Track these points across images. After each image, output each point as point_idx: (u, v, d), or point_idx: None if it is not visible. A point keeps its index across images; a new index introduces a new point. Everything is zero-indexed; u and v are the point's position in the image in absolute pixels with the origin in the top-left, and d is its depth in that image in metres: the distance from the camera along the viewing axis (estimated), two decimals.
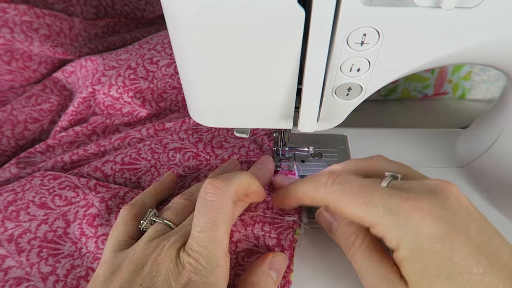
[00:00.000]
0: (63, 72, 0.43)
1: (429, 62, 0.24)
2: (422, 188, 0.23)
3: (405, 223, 0.21)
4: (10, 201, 0.32)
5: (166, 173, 0.34)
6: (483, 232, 0.21)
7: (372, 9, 0.20)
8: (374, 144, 0.41)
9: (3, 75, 0.41)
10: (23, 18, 0.39)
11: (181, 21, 0.21)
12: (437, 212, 0.21)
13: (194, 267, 0.22)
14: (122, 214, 0.28)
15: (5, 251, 0.29)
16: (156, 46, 0.42)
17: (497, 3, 0.20)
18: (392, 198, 0.22)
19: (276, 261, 0.27)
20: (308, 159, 0.38)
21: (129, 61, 0.41)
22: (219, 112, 0.27)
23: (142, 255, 0.24)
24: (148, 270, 0.23)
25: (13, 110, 0.40)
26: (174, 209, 0.28)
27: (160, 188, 0.32)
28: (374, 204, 0.22)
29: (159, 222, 0.27)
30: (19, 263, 0.29)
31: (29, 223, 0.30)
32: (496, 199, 0.35)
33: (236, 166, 0.34)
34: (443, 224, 0.21)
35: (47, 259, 0.29)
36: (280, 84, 0.24)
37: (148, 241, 0.25)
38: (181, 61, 0.24)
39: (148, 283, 0.22)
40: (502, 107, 0.34)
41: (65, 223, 0.31)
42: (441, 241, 0.21)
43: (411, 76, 0.51)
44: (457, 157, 0.40)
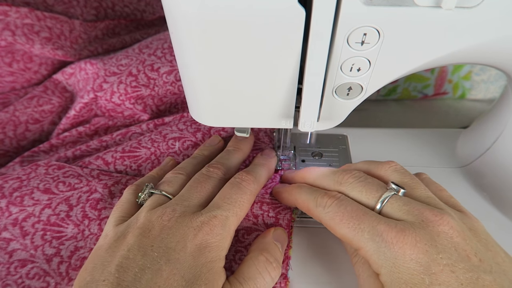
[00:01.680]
0: (63, 74, 0.43)
1: (429, 62, 0.24)
2: (416, 218, 0.23)
3: (385, 252, 0.22)
4: (16, 188, 0.32)
5: (167, 158, 0.36)
6: (472, 271, 0.21)
7: (373, 9, 0.20)
8: (374, 144, 0.41)
9: (4, 76, 0.42)
10: (24, 21, 0.39)
11: (182, 21, 0.21)
12: (421, 245, 0.22)
13: (211, 230, 0.25)
14: (126, 193, 0.30)
15: (10, 234, 0.30)
16: (156, 51, 0.42)
17: (497, 3, 0.20)
18: (379, 225, 0.23)
19: (278, 234, 0.29)
20: (308, 158, 0.38)
21: (130, 67, 0.41)
22: (219, 112, 0.27)
23: (147, 221, 0.25)
24: (156, 233, 0.24)
25: (16, 111, 0.40)
26: (170, 182, 0.30)
27: (162, 172, 0.33)
28: (361, 229, 0.23)
29: (157, 193, 0.28)
30: (24, 245, 0.30)
31: (33, 208, 0.31)
32: (496, 199, 0.35)
33: (220, 141, 0.36)
34: (426, 257, 0.21)
35: (51, 242, 0.30)
36: (281, 83, 0.24)
37: (149, 210, 0.26)
38: (181, 61, 0.24)
39: (159, 244, 0.24)
40: (502, 107, 0.34)
41: (67, 207, 0.32)
42: (420, 274, 0.21)
43: (411, 76, 0.51)
44: (457, 157, 0.40)
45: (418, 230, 0.22)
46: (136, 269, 0.22)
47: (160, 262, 0.23)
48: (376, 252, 0.23)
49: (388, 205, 0.24)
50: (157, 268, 0.23)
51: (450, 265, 0.21)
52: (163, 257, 0.23)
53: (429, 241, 0.22)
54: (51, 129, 0.43)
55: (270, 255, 0.27)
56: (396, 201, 0.24)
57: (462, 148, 0.40)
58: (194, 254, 0.24)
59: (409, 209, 0.24)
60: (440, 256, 0.21)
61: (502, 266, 0.22)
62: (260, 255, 0.26)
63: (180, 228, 0.25)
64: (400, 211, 0.24)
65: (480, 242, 0.23)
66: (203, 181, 0.29)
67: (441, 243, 0.22)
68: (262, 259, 0.26)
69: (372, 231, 0.23)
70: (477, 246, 0.22)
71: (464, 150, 0.39)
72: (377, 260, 0.23)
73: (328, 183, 0.28)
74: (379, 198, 0.25)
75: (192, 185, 0.29)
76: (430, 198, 0.25)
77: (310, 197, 0.27)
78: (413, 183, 0.26)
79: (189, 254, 0.24)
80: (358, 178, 0.27)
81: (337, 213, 0.25)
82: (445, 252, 0.21)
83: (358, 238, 0.23)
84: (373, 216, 0.24)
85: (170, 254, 0.23)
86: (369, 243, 0.23)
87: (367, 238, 0.23)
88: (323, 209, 0.26)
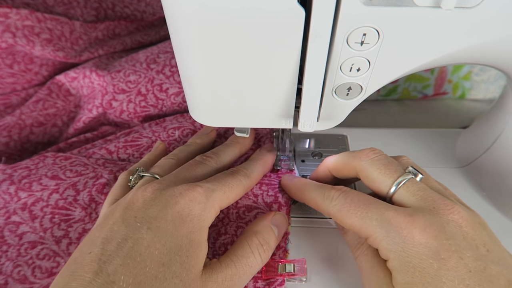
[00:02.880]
0: (65, 76, 0.43)
1: (429, 62, 0.24)
2: (428, 204, 0.23)
3: (395, 237, 0.22)
4: (24, 176, 0.34)
5: (157, 142, 0.36)
6: (480, 260, 0.21)
7: (372, 9, 0.20)
8: (374, 144, 0.40)
9: (5, 78, 0.42)
10: (25, 22, 0.39)
11: (182, 21, 0.21)
12: (431, 230, 0.22)
13: (194, 197, 0.25)
14: (120, 178, 0.31)
15: (19, 218, 0.31)
16: (164, 69, 0.43)
17: (497, 3, 0.20)
18: (387, 212, 0.23)
19: (277, 218, 0.29)
20: (308, 158, 0.38)
21: (139, 85, 0.42)
22: (219, 112, 0.27)
23: (133, 196, 0.26)
24: (139, 205, 0.25)
25: (22, 114, 0.41)
26: (161, 167, 0.30)
27: (153, 157, 0.33)
28: (369, 217, 0.24)
29: (147, 175, 0.29)
30: (33, 228, 0.30)
31: (41, 193, 0.32)
32: (496, 199, 0.35)
33: (212, 130, 0.37)
34: (435, 243, 0.21)
35: (59, 224, 0.31)
36: (280, 83, 0.24)
37: (137, 188, 0.27)
38: (181, 61, 0.24)
39: (142, 214, 0.24)
40: (502, 107, 0.34)
41: (75, 192, 0.33)
42: (429, 259, 0.21)
43: (411, 76, 0.51)
44: (457, 157, 0.40)
45: (428, 216, 0.22)
46: (119, 239, 0.23)
47: (141, 231, 0.23)
48: (386, 237, 0.23)
49: (404, 188, 0.25)
50: (138, 237, 0.23)
51: (459, 252, 0.21)
52: (144, 226, 0.23)
53: (438, 227, 0.22)
54: (53, 131, 0.43)
55: (263, 238, 0.27)
56: (412, 185, 0.25)
57: (462, 148, 0.40)
58: (175, 222, 0.24)
59: (423, 195, 0.24)
60: (449, 243, 0.21)
61: (509, 260, 0.22)
62: (254, 237, 0.27)
63: (162, 198, 0.25)
64: (413, 196, 0.24)
65: (488, 235, 0.23)
66: (194, 164, 0.30)
67: (450, 230, 0.22)
68: (255, 240, 0.27)
69: (380, 218, 0.23)
70: (485, 238, 0.22)
71: (464, 150, 0.39)
72: (386, 245, 0.22)
73: (348, 159, 0.28)
74: (395, 179, 0.25)
75: (183, 166, 0.30)
76: (441, 191, 0.25)
77: (317, 193, 0.27)
78: (425, 175, 0.27)
79: (170, 221, 0.24)
80: (379, 155, 0.27)
81: (344, 204, 0.25)
82: (454, 239, 0.21)
83: (366, 226, 0.23)
84: (381, 204, 0.24)
85: (151, 223, 0.24)
86: (378, 229, 0.23)
87: (375, 225, 0.23)
88: (330, 202, 0.26)
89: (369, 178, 0.26)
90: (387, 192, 0.25)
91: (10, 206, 0.31)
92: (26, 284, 0.28)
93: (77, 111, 0.45)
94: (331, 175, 0.30)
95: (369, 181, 0.26)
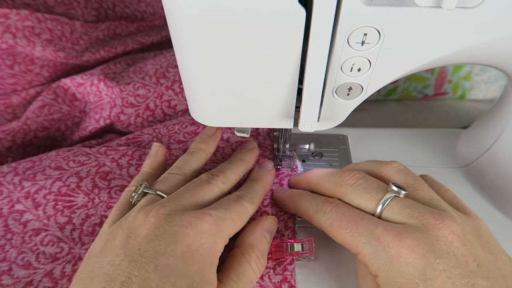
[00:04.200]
0: (72, 81, 0.43)
1: (430, 62, 0.24)
2: (416, 221, 0.23)
3: (382, 256, 0.22)
4: (28, 167, 0.34)
5: (153, 145, 0.33)
6: (468, 277, 0.21)
7: (373, 9, 0.20)
8: (374, 144, 0.41)
9: (6, 79, 0.42)
10: (25, 23, 0.39)
11: (182, 21, 0.21)
12: (419, 250, 0.22)
13: (204, 229, 0.23)
14: (124, 193, 0.29)
15: (23, 206, 0.31)
16: (174, 85, 0.43)
17: (497, 3, 0.20)
18: (376, 230, 0.23)
19: (269, 224, 0.29)
20: (308, 158, 0.38)
21: (148, 99, 0.43)
22: (219, 112, 0.27)
23: (135, 220, 0.24)
24: (143, 234, 0.23)
25: (27, 119, 0.41)
26: (166, 182, 0.28)
27: (157, 165, 0.32)
28: (358, 234, 0.24)
29: (151, 193, 0.27)
30: (37, 216, 0.31)
31: (44, 181, 0.32)
32: (496, 199, 0.35)
33: (217, 130, 0.34)
34: (422, 262, 0.21)
35: (62, 211, 0.31)
36: (281, 83, 0.24)
37: (140, 209, 0.25)
38: (181, 61, 0.24)
39: (146, 247, 0.22)
40: (502, 107, 0.34)
41: (78, 179, 0.33)
42: (415, 279, 0.21)
43: (411, 76, 0.51)
44: (457, 157, 0.40)
45: (416, 234, 0.22)
46: (123, 277, 0.21)
47: (148, 269, 0.21)
48: (374, 256, 0.23)
49: (389, 208, 0.24)
50: (145, 277, 0.21)
51: (447, 271, 0.21)
52: (151, 263, 0.21)
53: (427, 246, 0.22)
54: (56, 135, 0.44)
55: (259, 251, 0.27)
56: (397, 204, 0.24)
57: (462, 148, 0.40)
58: (185, 258, 0.22)
59: (409, 212, 0.24)
60: (437, 262, 0.21)
61: (502, 270, 0.22)
62: (252, 253, 0.26)
63: (169, 227, 0.23)
64: (400, 214, 0.24)
65: (482, 245, 0.23)
66: (200, 184, 0.28)
67: (439, 248, 0.22)
68: (253, 256, 0.26)
69: (369, 235, 0.23)
70: (477, 251, 0.22)
71: (464, 150, 0.39)
72: (375, 264, 0.23)
73: (329, 186, 0.28)
74: (379, 201, 0.25)
75: (188, 187, 0.28)
76: (433, 200, 0.25)
77: (310, 205, 0.27)
78: (416, 183, 0.26)
79: (179, 258, 0.22)
80: (358, 180, 0.27)
81: (335, 219, 0.25)
82: (443, 258, 0.21)
83: (356, 243, 0.24)
84: (371, 220, 0.24)
85: (158, 259, 0.22)
86: (367, 247, 0.23)
87: (364, 242, 0.23)
88: (322, 216, 0.26)
89: (354, 204, 0.26)
90: (374, 215, 0.25)
91: (13, 195, 0.32)
92: (30, 269, 0.28)
93: (82, 116, 0.45)
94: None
95: (355, 205, 0.26)
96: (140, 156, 0.35)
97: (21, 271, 0.28)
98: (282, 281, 0.28)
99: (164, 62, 0.45)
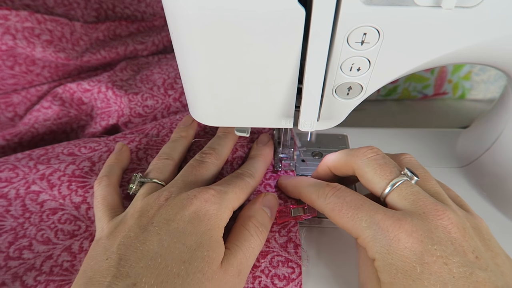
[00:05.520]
0: (78, 86, 0.43)
1: (429, 62, 0.24)
2: (418, 209, 0.23)
3: (381, 239, 0.23)
4: (42, 154, 0.36)
5: (118, 144, 0.35)
6: (466, 266, 0.21)
7: (373, 8, 0.20)
8: (374, 144, 0.40)
9: (6, 79, 0.42)
10: (24, 24, 0.39)
11: (182, 21, 0.21)
12: (417, 235, 0.22)
13: (208, 198, 0.26)
14: (102, 185, 0.29)
15: (38, 187, 0.32)
16: (181, 97, 0.44)
17: (497, 3, 0.20)
18: (376, 215, 0.23)
19: (267, 199, 0.30)
20: (308, 158, 0.38)
21: (155, 110, 0.43)
22: (219, 111, 0.27)
23: (145, 204, 0.26)
24: (154, 212, 0.25)
25: (35, 123, 0.42)
26: (158, 169, 0.30)
27: (120, 157, 0.33)
28: (359, 218, 0.24)
29: (149, 181, 0.29)
30: (52, 196, 0.32)
31: (58, 165, 0.34)
32: (496, 199, 0.35)
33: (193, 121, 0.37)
34: (420, 247, 0.22)
35: (76, 191, 0.32)
36: (281, 83, 0.24)
37: (145, 197, 0.27)
38: (182, 61, 0.24)
39: (158, 218, 0.24)
40: (502, 107, 0.35)
41: (90, 163, 0.35)
42: (412, 262, 0.21)
43: (411, 76, 0.51)
44: (457, 157, 0.40)
45: (416, 221, 0.22)
46: (138, 243, 0.23)
47: (160, 233, 0.23)
48: (373, 239, 0.23)
49: (397, 190, 0.25)
50: (158, 239, 0.23)
51: (444, 257, 0.21)
52: (162, 228, 0.24)
53: (425, 232, 0.22)
54: (61, 137, 0.44)
55: (257, 220, 0.27)
56: (406, 188, 0.24)
57: (462, 148, 0.40)
58: (193, 222, 0.24)
59: (414, 199, 0.24)
60: (435, 248, 0.21)
61: (502, 267, 0.22)
62: (249, 221, 0.27)
63: (177, 201, 0.25)
64: (405, 199, 0.24)
65: (482, 241, 0.23)
66: (196, 165, 0.30)
67: (437, 236, 0.22)
68: (250, 224, 0.27)
69: (369, 219, 0.23)
70: (476, 244, 0.22)
71: (464, 150, 0.39)
72: (373, 247, 0.23)
73: (346, 158, 0.28)
74: (390, 181, 0.25)
75: (187, 169, 0.30)
76: (439, 194, 0.25)
77: (313, 190, 0.28)
78: (425, 175, 0.27)
79: (188, 222, 0.24)
80: (375, 154, 0.27)
81: (336, 204, 0.25)
82: (440, 244, 0.22)
83: (356, 227, 0.24)
84: (371, 206, 0.24)
85: (169, 225, 0.24)
86: (367, 231, 0.23)
87: (364, 226, 0.23)
88: (324, 200, 0.26)
89: (364, 177, 0.26)
90: (381, 194, 0.25)
91: (29, 177, 0.33)
92: (50, 245, 0.29)
93: (88, 120, 0.45)
94: (332, 173, 0.30)
95: (364, 180, 0.26)
96: (147, 142, 0.37)
97: (41, 246, 0.29)
98: (287, 242, 0.29)
99: (171, 72, 0.46)
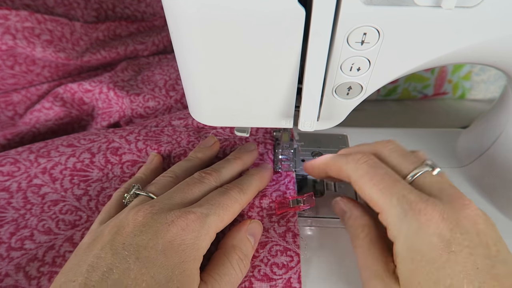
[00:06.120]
0: (79, 86, 0.43)
1: (429, 62, 0.24)
2: (446, 197, 0.23)
3: (410, 221, 0.22)
4: (42, 147, 0.36)
5: (151, 154, 0.35)
6: (489, 258, 0.21)
7: (373, 8, 0.20)
8: None
9: (6, 79, 0.42)
10: (24, 24, 0.39)
11: (182, 20, 0.21)
12: (447, 222, 0.22)
13: (186, 226, 0.24)
14: (115, 195, 0.29)
15: (40, 181, 0.33)
16: (183, 98, 0.44)
17: (497, 3, 0.20)
18: (410, 195, 0.23)
19: (253, 227, 0.28)
20: (308, 158, 0.38)
21: (157, 111, 0.44)
22: (219, 111, 0.27)
23: (124, 219, 0.24)
24: (129, 230, 0.23)
25: (36, 123, 0.42)
26: (158, 184, 0.29)
27: (149, 172, 0.32)
28: (390, 192, 0.23)
29: (143, 194, 0.28)
30: (54, 189, 0.33)
31: (59, 158, 0.34)
32: (496, 199, 0.35)
33: (215, 142, 0.35)
34: (449, 234, 0.21)
35: (79, 184, 0.33)
36: (281, 83, 0.24)
37: (131, 209, 0.25)
38: (181, 60, 0.24)
39: (130, 241, 0.23)
40: (502, 107, 0.35)
41: (90, 155, 0.35)
42: (439, 249, 0.21)
43: (411, 76, 0.51)
44: (457, 157, 0.40)
45: (447, 209, 0.22)
46: (104, 268, 0.21)
47: (129, 261, 0.22)
48: (400, 218, 0.22)
49: (422, 178, 0.25)
50: (125, 268, 0.21)
51: (471, 248, 0.21)
52: (132, 256, 0.22)
53: (454, 220, 0.22)
54: None
55: (242, 252, 0.26)
56: (430, 178, 0.24)
57: (462, 148, 0.40)
58: (166, 252, 0.23)
59: (441, 188, 0.24)
60: (464, 237, 0.21)
61: None
62: (234, 253, 0.26)
63: (154, 224, 0.23)
64: (432, 187, 0.24)
65: (498, 237, 0.23)
66: (191, 184, 0.28)
67: (465, 225, 0.22)
68: (235, 256, 0.26)
69: (402, 198, 0.23)
70: (496, 238, 0.22)
71: (464, 150, 0.39)
72: (398, 227, 0.22)
73: (368, 146, 0.28)
74: (412, 170, 0.25)
75: (179, 186, 0.28)
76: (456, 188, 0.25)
77: (341, 157, 0.27)
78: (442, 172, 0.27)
79: (160, 252, 0.22)
80: (396, 146, 0.27)
81: (368, 172, 0.25)
82: (468, 234, 0.21)
83: (384, 201, 0.23)
84: (405, 185, 0.24)
85: (140, 252, 0.22)
86: (395, 208, 0.23)
87: (394, 203, 0.23)
88: (354, 165, 0.25)
89: (391, 164, 0.26)
90: (407, 176, 0.25)
91: (31, 171, 0.33)
92: (51, 235, 0.30)
93: (89, 120, 0.45)
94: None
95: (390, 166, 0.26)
96: (146, 133, 0.37)
97: (43, 236, 0.29)
98: (286, 231, 0.30)
99: (173, 73, 0.46)
